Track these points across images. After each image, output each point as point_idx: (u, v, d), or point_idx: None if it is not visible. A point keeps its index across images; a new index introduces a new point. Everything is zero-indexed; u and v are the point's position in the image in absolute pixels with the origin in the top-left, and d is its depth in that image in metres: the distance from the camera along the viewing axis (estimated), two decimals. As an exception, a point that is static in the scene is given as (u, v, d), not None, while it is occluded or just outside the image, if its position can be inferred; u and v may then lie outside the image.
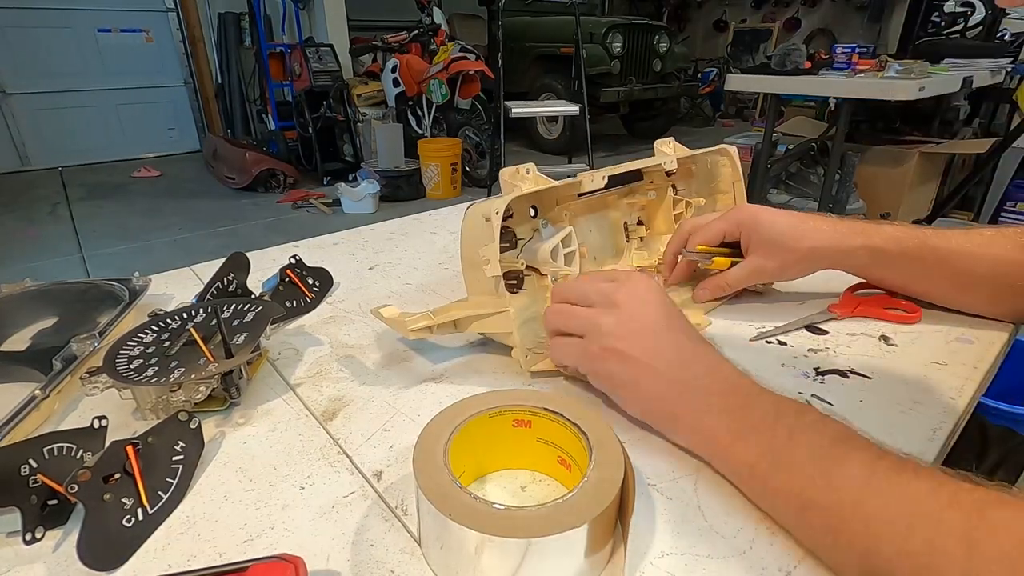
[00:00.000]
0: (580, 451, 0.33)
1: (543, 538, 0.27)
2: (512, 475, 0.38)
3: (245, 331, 0.46)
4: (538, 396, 0.36)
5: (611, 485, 0.29)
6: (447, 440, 0.32)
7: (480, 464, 0.37)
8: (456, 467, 0.31)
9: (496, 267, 0.44)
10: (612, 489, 0.29)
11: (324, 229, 1.02)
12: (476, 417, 0.35)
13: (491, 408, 0.35)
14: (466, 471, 0.35)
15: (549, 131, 4.97)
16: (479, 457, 0.36)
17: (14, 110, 4.48)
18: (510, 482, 0.37)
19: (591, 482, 0.30)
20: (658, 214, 0.64)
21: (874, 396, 0.44)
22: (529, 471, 0.38)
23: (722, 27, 7.57)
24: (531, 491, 0.37)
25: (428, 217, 0.93)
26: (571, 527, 0.27)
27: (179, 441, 0.37)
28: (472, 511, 0.28)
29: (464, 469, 0.35)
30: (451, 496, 0.29)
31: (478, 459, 0.37)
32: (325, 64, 4.18)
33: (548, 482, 0.37)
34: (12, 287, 0.57)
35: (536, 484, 0.37)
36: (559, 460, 0.36)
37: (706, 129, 6.26)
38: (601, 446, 0.32)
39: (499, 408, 0.35)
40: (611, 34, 4.53)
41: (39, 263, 2.73)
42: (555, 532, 0.27)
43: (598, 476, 0.30)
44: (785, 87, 2.55)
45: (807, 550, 0.31)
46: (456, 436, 0.33)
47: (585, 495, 0.29)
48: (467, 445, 0.34)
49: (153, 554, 0.32)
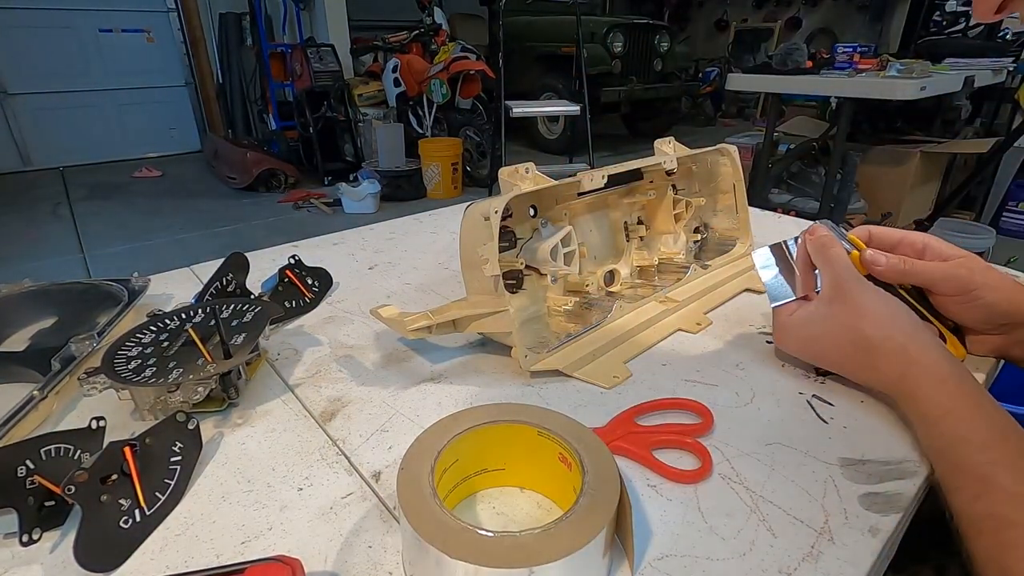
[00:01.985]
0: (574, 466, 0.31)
1: (542, 566, 0.25)
2: (502, 492, 0.36)
3: (244, 331, 0.46)
4: (529, 411, 0.35)
5: (607, 505, 0.28)
6: (433, 462, 0.31)
7: (470, 483, 0.35)
8: (443, 489, 0.30)
9: (495, 266, 0.44)
10: (609, 508, 0.28)
11: (325, 229, 1.02)
12: (464, 435, 0.33)
13: (479, 425, 0.34)
14: (453, 492, 0.34)
15: (550, 131, 4.97)
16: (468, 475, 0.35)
17: (16, 110, 4.48)
18: (500, 500, 0.36)
19: (585, 502, 0.28)
20: (658, 214, 0.64)
21: (875, 396, 0.44)
22: (519, 488, 0.36)
23: (723, 26, 7.57)
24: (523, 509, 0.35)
25: (428, 217, 0.92)
26: (570, 552, 0.25)
27: (177, 442, 0.37)
28: (460, 539, 0.26)
29: (451, 489, 0.33)
30: (439, 524, 0.27)
31: (467, 479, 0.35)
32: (326, 64, 4.19)
33: (539, 498, 0.36)
34: (11, 287, 0.57)
35: (527, 500, 0.36)
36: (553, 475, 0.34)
37: (707, 129, 6.25)
38: (594, 463, 0.30)
39: (487, 425, 0.34)
40: (612, 34, 4.53)
41: (40, 263, 2.73)
42: (552, 560, 0.25)
43: (592, 495, 0.29)
44: (786, 87, 2.55)
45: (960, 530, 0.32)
46: (443, 455, 0.31)
47: (580, 515, 0.27)
48: (455, 464, 0.33)
49: (150, 555, 0.32)
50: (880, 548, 0.31)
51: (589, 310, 0.55)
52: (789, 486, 0.35)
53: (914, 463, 0.37)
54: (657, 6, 7.99)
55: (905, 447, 0.39)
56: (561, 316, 0.55)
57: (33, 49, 4.43)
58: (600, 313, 0.54)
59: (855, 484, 0.35)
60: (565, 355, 0.48)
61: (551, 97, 4.61)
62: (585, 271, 0.58)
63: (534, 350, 0.48)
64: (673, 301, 0.58)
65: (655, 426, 0.41)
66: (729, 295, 0.61)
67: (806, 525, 0.32)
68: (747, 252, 0.68)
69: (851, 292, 0.42)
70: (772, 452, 0.38)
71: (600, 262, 0.61)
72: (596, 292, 0.58)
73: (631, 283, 0.62)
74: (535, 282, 0.54)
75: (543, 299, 0.55)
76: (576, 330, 0.51)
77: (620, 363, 0.49)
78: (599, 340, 0.51)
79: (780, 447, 0.39)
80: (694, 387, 0.46)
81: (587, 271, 0.59)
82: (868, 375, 0.42)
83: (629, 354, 0.50)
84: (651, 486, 0.35)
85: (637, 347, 0.51)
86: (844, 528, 0.32)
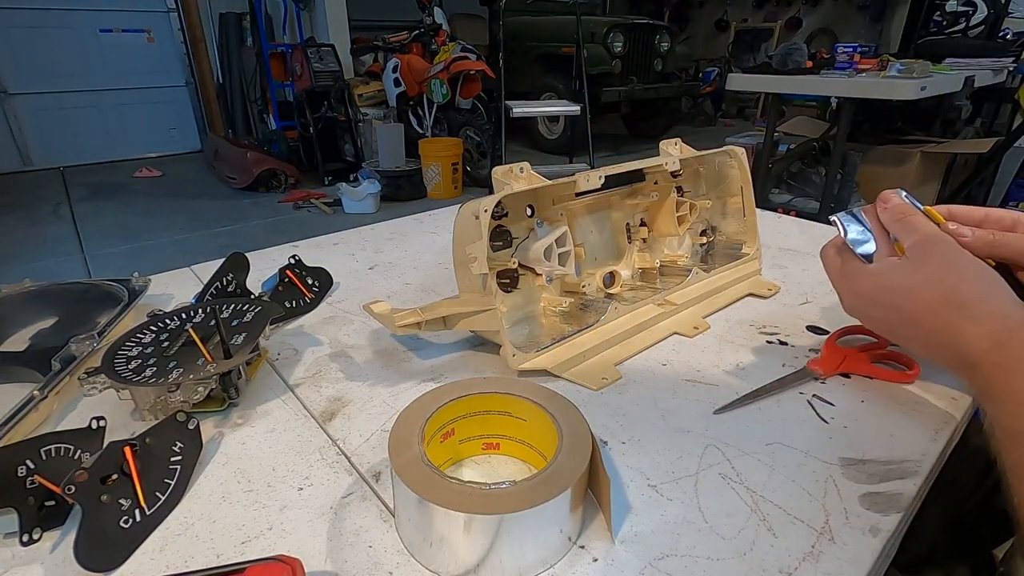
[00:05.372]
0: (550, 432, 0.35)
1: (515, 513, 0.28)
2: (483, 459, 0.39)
3: (244, 331, 0.46)
4: (510, 383, 0.38)
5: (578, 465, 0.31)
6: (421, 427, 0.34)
7: (456, 449, 0.38)
8: (432, 454, 0.33)
9: (483, 265, 0.44)
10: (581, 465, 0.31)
11: (325, 229, 1.02)
12: (449, 404, 0.36)
13: (462, 395, 0.37)
14: (441, 455, 0.37)
15: (550, 131, 4.97)
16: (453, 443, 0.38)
17: (16, 110, 4.48)
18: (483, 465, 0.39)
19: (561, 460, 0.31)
20: (661, 215, 0.64)
21: (876, 396, 0.44)
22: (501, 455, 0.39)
23: (723, 26, 7.56)
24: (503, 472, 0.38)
25: (428, 217, 0.92)
26: (542, 501, 0.28)
27: (177, 442, 0.37)
28: (448, 492, 0.29)
29: (439, 454, 0.37)
30: (427, 479, 0.30)
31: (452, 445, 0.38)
32: (326, 64, 4.18)
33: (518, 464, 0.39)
34: (12, 287, 0.57)
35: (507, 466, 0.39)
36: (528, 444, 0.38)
37: (707, 129, 6.25)
38: (570, 426, 0.34)
39: (469, 395, 0.37)
40: (612, 34, 4.53)
41: (41, 263, 2.73)
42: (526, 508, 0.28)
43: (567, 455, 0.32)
44: (787, 87, 2.55)
45: None
46: (430, 421, 0.35)
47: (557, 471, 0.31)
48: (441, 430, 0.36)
49: (151, 555, 0.32)
50: (881, 548, 0.31)
51: (585, 311, 0.54)
52: (790, 486, 0.35)
53: (914, 463, 0.37)
54: (657, 6, 7.98)
55: (905, 447, 0.39)
56: (556, 317, 0.55)
57: (33, 49, 4.43)
58: (596, 315, 0.53)
59: (856, 484, 0.35)
60: (556, 355, 0.48)
61: (551, 97, 4.61)
62: (584, 272, 0.58)
63: (524, 349, 0.48)
64: (671, 304, 0.57)
65: (859, 347, 0.48)
66: (731, 300, 0.61)
67: (807, 525, 0.32)
68: (754, 256, 0.67)
69: (946, 251, 0.37)
70: (772, 452, 0.38)
71: (600, 263, 0.61)
72: (594, 293, 0.58)
73: (631, 285, 0.61)
74: (530, 282, 0.54)
75: (538, 299, 0.55)
76: (571, 331, 0.51)
77: (611, 365, 0.49)
78: (591, 341, 0.50)
79: (780, 447, 0.39)
80: (694, 387, 0.46)
81: (586, 272, 0.59)
82: (946, 340, 0.36)
83: (621, 356, 0.50)
84: (651, 486, 0.35)
85: (630, 350, 0.51)
86: (845, 528, 0.32)
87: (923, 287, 0.38)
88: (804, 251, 0.74)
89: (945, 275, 0.37)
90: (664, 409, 0.43)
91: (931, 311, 0.37)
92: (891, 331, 0.42)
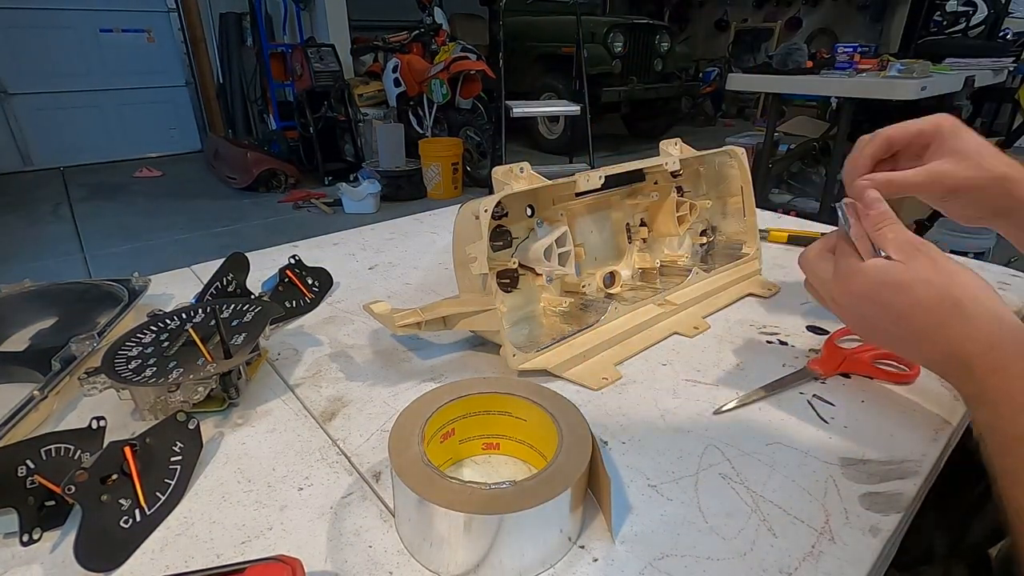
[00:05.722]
0: (550, 432, 0.35)
1: (515, 513, 0.28)
2: (483, 459, 0.39)
3: (244, 331, 0.46)
4: (510, 383, 0.38)
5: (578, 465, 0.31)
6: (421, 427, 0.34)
7: (456, 449, 0.39)
8: (433, 454, 0.33)
9: (483, 265, 0.44)
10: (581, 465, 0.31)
11: (325, 229, 1.02)
12: (449, 404, 0.36)
13: (462, 395, 0.37)
14: (441, 455, 0.38)
15: (550, 131, 4.96)
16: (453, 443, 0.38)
17: (16, 110, 4.48)
18: (483, 465, 0.39)
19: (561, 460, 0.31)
20: (661, 215, 0.64)
21: (876, 396, 0.44)
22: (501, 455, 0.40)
23: (723, 27, 7.56)
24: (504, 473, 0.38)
25: (428, 217, 0.92)
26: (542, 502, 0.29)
27: (177, 442, 0.37)
28: (448, 492, 0.29)
29: (439, 454, 0.37)
30: (427, 479, 0.30)
31: (453, 445, 0.38)
32: (326, 64, 4.18)
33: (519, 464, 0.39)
34: (12, 287, 0.57)
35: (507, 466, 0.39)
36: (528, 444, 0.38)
37: (707, 129, 6.25)
38: (570, 426, 0.34)
39: (469, 395, 0.37)
40: (612, 34, 4.53)
41: (41, 263, 2.73)
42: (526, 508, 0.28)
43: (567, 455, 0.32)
44: (787, 87, 2.55)
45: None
46: (430, 421, 0.35)
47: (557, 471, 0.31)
48: (441, 430, 0.36)
49: (151, 555, 0.32)
50: (881, 548, 0.31)
51: (585, 311, 0.55)
52: (790, 486, 0.35)
53: (914, 463, 0.37)
54: (657, 6, 7.98)
55: (905, 447, 0.39)
56: (556, 317, 0.55)
57: (33, 49, 4.43)
58: (596, 315, 0.53)
59: (856, 484, 0.35)
60: (556, 355, 0.48)
61: (551, 97, 4.61)
62: (584, 272, 0.58)
63: (524, 349, 0.48)
64: (671, 304, 0.57)
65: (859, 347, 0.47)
66: (731, 299, 0.61)
67: (807, 525, 0.32)
68: (754, 256, 0.67)
69: (931, 254, 0.38)
70: (772, 452, 0.38)
71: (600, 263, 0.61)
72: (594, 293, 0.58)
73: (631, 285, 0.61)
74: (530, 282, 0.54)
75: (538, 299, 0.55)
76: (571, 331, 0.51)
77: (611, 365, 0.49)
78: (592, 341, 0.50)
79: (780, 447, 0.39)
80: (694, 387, 0.46)
81: (586, 272, 0.59)
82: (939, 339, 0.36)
83: (621, 356, 0.50)
84: (651, 486, 0.35)
85: (630, 350, 0.51)
86: (845, 528, 0.32)
87: (917, 284, 0.38)
88: (804, 251, 0.74)
89: (935, 275, 0.37)
90: (664, 409, 0.43)
91: (926, 308, 0.37)
92: (883, 331, 0.41)
